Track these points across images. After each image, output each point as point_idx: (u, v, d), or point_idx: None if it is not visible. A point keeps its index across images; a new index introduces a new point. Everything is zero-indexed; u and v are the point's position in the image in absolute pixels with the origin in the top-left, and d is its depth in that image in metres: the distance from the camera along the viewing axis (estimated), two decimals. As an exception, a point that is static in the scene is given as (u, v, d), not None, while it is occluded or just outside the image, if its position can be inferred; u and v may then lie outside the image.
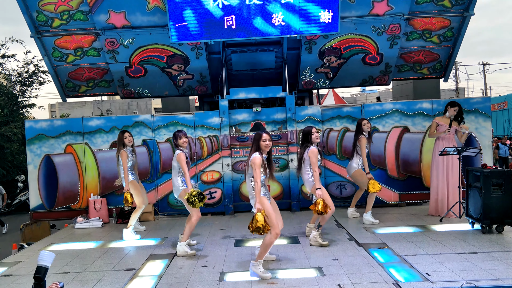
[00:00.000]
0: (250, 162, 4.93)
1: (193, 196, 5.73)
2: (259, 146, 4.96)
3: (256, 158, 4.86)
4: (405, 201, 8.51)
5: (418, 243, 5.81)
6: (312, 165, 5.91)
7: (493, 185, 6.06)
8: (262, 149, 4.96)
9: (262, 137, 4.96)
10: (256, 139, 5.01)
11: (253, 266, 4.85)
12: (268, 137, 4.99)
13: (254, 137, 5.06)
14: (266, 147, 4.96)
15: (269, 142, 4.97)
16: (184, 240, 5.89)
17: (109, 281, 4.89)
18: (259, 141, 4.96)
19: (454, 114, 7.34)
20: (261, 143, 4.95)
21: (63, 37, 8.71)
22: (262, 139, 4.95)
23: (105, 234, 7.41)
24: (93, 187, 8.54)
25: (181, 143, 6.11)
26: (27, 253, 6.39)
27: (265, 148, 4.96)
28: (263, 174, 4.91)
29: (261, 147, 4.95)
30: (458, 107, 7.39)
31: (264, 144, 4.94)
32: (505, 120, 27.43)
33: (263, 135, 4.98)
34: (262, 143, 4.95)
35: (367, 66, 9.31)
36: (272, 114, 8.66)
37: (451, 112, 7.35)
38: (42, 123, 8.66)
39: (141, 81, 9.37)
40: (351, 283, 4.45)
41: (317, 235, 5.99)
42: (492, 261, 4.91)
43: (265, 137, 4.96)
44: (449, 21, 8.80)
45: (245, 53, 9.09)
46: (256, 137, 5.02)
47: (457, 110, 7.38)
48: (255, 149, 4.98)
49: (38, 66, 15.77)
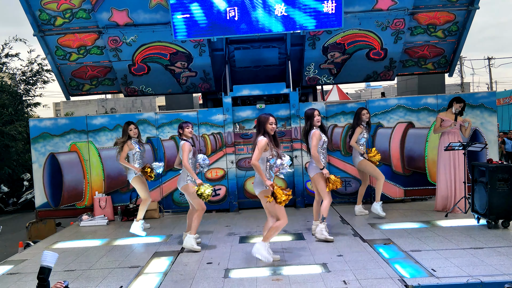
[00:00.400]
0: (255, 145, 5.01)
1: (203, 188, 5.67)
2: (266, 129, 5.05)
3: (262, 141, 4.98)
4: (410, 196, 8.48)
5: (424, 238, 5.78)
6: (312, 148, 5.90)
7: (499, 180, 6.02)
8: (268, 132, 5.04)
9: (270, 120, 5.07)
10: (262, 122, 5.08)
11: (260, 244, 5.00)
12: (274, 120, 5.13)
13: (260, 119, 5.11)
14: (272, 130, 5.07)
15: (274, 126, 5.10)
16: (194, 233, 5.89)
17: (115, 279, 4.90)
18: (266, 124, 5.06)
19: (459, 110, 7.29)
20: (268, 126, 5.05)
21: (66, 36, 8.72)
22: (269, 122, 5.06)
23: (110, 231, 7.43)
24: (98, 185, 8.56)
25: (187, 132, 6.08)
26: (33, 251, 6.42)
27: (271, 131, 5.06)
28: (272, 156, 5.03)
29: (267, 130, 5.05)
30: (463, 103, 7.34)
31: (271, 127, 5.06)
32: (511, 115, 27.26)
33: (270, 118, 5.09)
34: (269, 126, 5.05)
35: (371, 62, 9.26)
36: (276, 110, 8.64)
37: (456, 107, 7.30)
38: (47, 121, 8.69)
39: (144, 78, 9.37)
40: (356, 279, 4.44)
41: (324, 228, 5.98)
42: (498, 257, 4.88)
43: (272, 120, 5.09)
44: (454, 15, 8.73)
45: (248, 50, 9.07)
46: (263, 120, 5.09)
47: (462, 106, 7.33)
48: (262, 132, 5.06)
49: (42, 65, 15.81)
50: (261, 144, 4.96)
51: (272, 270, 4.89)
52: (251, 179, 8.52)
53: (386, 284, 4.25)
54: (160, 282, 4.70)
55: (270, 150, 5.05)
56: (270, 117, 5.10)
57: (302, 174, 8.50)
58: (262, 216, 7.56)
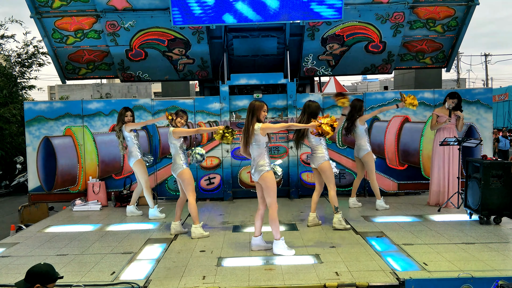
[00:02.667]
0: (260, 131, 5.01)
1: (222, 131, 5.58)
2: (259, 117, 5.08)
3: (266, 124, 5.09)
4: (403, 190, 8.52)
5: (416, 232, 5.82)
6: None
7: (493, 177, 6.05)
8: (260, 119, 5.09)
9: (264, 107, 5.12)
10: (257, 108, 5.08)
11: (277, 245, 5.06)
12: (266, 106, 5.18)
13: (255, 106, 5.08)
14: (263, 118, 5.13)
15: (266, 113, 5.17)
16: (198, 223, 5.92)
17: (107, 264, 4.90)
18: (260, 111, 5.09)
19: (453, 106, 7.29)
20: (262, 113, 5.10)
21: (63, 19, 8.61)
22: (263, 109, 5.11)
23: (104, 217, 7.42)
24: (92, 170, 8.52)
25: (177, 121, 6.06)
26: (25, 235, 6.40)
27: (263, 119, 5.12)
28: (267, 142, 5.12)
29: (260, 118, 5.09)
30: (457, 99, 7.33)
31: (264, 114, 5.12)
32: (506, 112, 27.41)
33: (264, 105, 5.13)
34: (263, 113, 5.11)
35: (370, 54, 9.24)
36: (273, 100, 8.61)
37: (449, 103, 7.31)
38: (41, 105, 8.61)
39: (142, 64, 9.29)
40: (348, 270, 4.47)
41: (342, 218, 6.10)
42: (489, 252, 4.92)
43: (266, 107, 5.15)
44: (454, 10, 8.70)
45: (246, 39, 9.01)
46: (258, 107, 5.08)
47: (455, 102, 7.31)
48: (256, 120, 5.07)
49: (38, 48, 15.65)
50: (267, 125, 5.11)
51: (265, 259, 4.91)
52: (246, 169, 8.53)
53: (378, 277, 4.28)
54: (152, 269, 4.70)
55: (268, 137, 5.11)
56: (265, 104, 5.14)
57: (297, 165, 8.50)
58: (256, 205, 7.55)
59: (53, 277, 3.29)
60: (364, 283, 4.14)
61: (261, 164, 5.10)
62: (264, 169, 5.09)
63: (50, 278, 3.27)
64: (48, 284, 3.26)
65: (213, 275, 4.46)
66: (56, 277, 3.32)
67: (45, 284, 3.23)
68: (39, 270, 3.26)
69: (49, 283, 3.26)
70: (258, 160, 5.12)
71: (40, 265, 3.34)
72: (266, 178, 5.09)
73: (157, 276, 4.49)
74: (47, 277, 3.25)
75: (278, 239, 5.09)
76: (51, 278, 3.28)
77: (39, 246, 5.75)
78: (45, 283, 3.23)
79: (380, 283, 4.16)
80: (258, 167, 5.11)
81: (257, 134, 5.05)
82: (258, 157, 5.13)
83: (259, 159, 5.12)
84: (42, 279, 3.22)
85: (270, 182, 5.09)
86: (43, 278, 3.23)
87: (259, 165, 5.11)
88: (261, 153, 5.11)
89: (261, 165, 5.10)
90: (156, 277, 4.45)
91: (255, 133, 5.05)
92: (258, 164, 5.12)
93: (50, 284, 3.27)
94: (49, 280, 3.26)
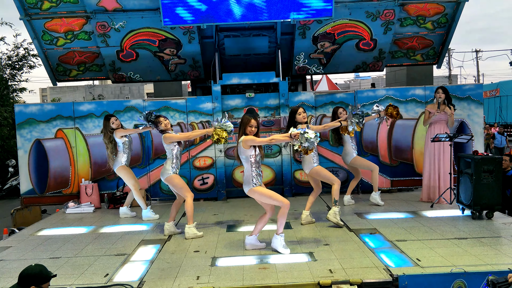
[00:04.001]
0: (242, 143, 5.02)
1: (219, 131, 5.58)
2: (245, 131, 5.07)
3: (247, 136, 5.01)
4: (396, 187, 8.56)
5: (409, 228, 5.85)
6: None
7: (484, 172, 6.10)
8: (247, 134, 5.07)
9: (250, 122, 5.07)
10: (244, 123, 5.10)
11: (275, 239, 5.08)
12: (255, 123, 5.09)
13: (242, 120, 5.14)
14: (251, 132, 5.08)
15: (254, 129, 5.08)
16: (192, 223, 5.91)
17: (101, 266, 4.88)
18: (246, 126, 5.07)
19: (442, 98, 7.31)
20: (248, 128, 5.06)
21: (53, 20, 8.55)
22: (249, 125, 5.06)
23: (97, 219, 7.39)
24: (84, 172, 8.48)
25: (164, 128, 6.09)
26: (17, 238, 6.36)
27: (250, 133, 5.07)
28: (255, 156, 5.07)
29: (246, 132, 5.07)
30: (440, 89, 7.36)
31: (250, 129, 5.06)
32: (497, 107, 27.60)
33: (251, 120, 5.08)
34: (249, 128, 5.06)
35: (361, 52, 9.26)
36: (265, 99, 8.61)
37: (437, 97, 7.36)
38: (33, 107, 8.55)
39: (133, 65, 9.25)
40: (342, 268, 4.48)
41: (338, 213, 6.11)
42: (482, 247, 4.96)
43: (252, 123, 5.07)
44: (443, 7, 8.74)
45: (238, 38, 9.00)
46: (245, 122, 5.11)
47: (440, 93, 7.32)
48: (242, 133, 5.10)
49: (28, 50, 15.56)
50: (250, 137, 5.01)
51: (259, 258, 4.92)
52: (240, 168, 8.52)
53: (372, 273, 4.30)
54: (146, 270, 4.69)
55: (254, 149, 5.08)
56: (252, 119, 5.08)
57: (290, 163, 8.51)
58: (250, 205, 7.60)
59: (46, 277, 3.28)
60: (358, 280, 4.16)
61: (246, 176, 5.13)
62: (249, 185, 5.10)
63: (43, 279, 3.25)
64: (43, 284, 3.24)
65: (207, 275, 4.45)
66: (49, 276, 3.31)
67: (39, 285, 3.21)
68: (31, 272, 3.24)
69: (43, 283, 3.25)
70: (245, 172, 5.16)
71: (31, 266, 3.31)
72: (255, 193, 5.12)
73: (151, 277, 4.48)
74: (40, 278, 3.24)
75: (278, 234, 5.11)
76: (45, 278, 3.27)
77: (32, 249, 5.72)
78: (39, 283, 3.22)
79: (373, 280, 4.18)
80: (245, 178, 5.15)
81: (240, 147, 5.09)
82: (245, 170, 5.16)
83: (246, 172, 5.15)
84: (36, 280, 3.21)
85: (262, 193, 5.09)
86: (37, 279, 3.22)
87: (245, 176, 5.15)
88: (248, 167, 5.11)
89: (247, 177, 5.12)
90: (150, 278, 4.44)
91: (239, 145, 5.10)
92: (247, 178, 5.14)
93: (45, 284, 3.26)
94: (43, 280, 3.25)
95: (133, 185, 7.11)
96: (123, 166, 7.07)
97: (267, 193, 5.10)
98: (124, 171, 7.10)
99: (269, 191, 5.15)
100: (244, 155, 5.09)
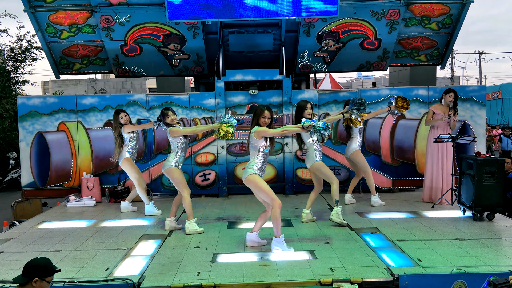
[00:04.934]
0: (255, 133, 5.02)
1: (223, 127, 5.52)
2: (258, 122, 5.08)
3: (260, 127, 5.02)
4: (398, 187, 8.55)
5: (410, 228, 5.85)
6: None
7: (486, 173, 6.08)
8: (260, 125, 5.07)
9: (263, 113, 5.08)
10: (257, 114, 5.12)
11: (276, 242, 5.00)
12: (269, 114, 5.11)
13: (256, 111, 5.15)
14: (264, 123, 5.08)
15: (268, 120, 5.09)
16: (192, 218, 5.91)
17: (101, 260, 4.88)
18: (260, 117, 5.09)
19: (451, 101, 7.31)
20: (261, 119, 5.08)
21: (57, 13, 8.53)
22: (263, 116, 5.08)
23: (98, 213, 7.39)
24: (86, 166, 8.48)
25: (169, 121, 6.05)
26: (18, 231, 6.36)
27: (263, 124, 5.07)
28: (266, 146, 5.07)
29: (259, 123, 5.08)
30: (453, 93, 7.34)
31: (263, 120, 5.07)
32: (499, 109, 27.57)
33: (264, 111, 5.09)
34: (262, 119, 5.08)
35: (365, 51, 9.24)
36: (269, 97, 8.60)
37: (447, 99, 7.32)
38: (35, 100, 8.55)
39: (136, 59, 9.24)
40: (343, 266, 4.48)
41: (340, 212, 6.10)
42: (483, 248, 4.95)
43: (266, 113, 5.09)
44: (449, 8, 8.71)
45: (242, 34, 8.98)
46: (258, 112, 5.12)
47: (452, 96, 7.33)
48: (255, 124, 5.11)
49: (31, 42, 15.54)
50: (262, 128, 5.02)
51: (260, 256, 4.91)
52: (241, 165, 8.52)
53: (373, 272, 4.30)
54: (147, 265, 4.69)
55: (265, 140, 5.07)
56: (265, 111, 5.09)
57: (292, 161, 8.51)
58: (251, 202, 7.60)
59: (51, 270, 3.29)
60: (359, 279, 4.16)
61: (249, 166, 5.11)
62: (248, 172, 5.07)
63: (48, 271, 3.27)
64: (47, 277, 3.26)
65: (208, 271, 4.45)
66: (54, 270, 3.32)
67: (43, 278, 3.22)
68: (36, 264, 3.26)
69: (47, 276, 3.26)
70: (249, 162, 5.15)
71: (37, 259, 3.34)
72: (250, 182, 5.07)
73: (152, 272, 4.48)
74: (45, 271, 3.25)
75: (278, 237, 5.04)
76: (49, 271, 3.28)
77: (32, 242, 5.72)
78: (43, 276, 3.23)
79: (374, 279, 4.18)
80: (246, 168, 5.14)
81: (252, 137, 5.09)
82: (250, 158, 5.16)
83: (250, 161, 5.14)
84: (40, 273, 3.22)
85: (256, 184, 5.04)
86: (42, 272, 3.23)
87: (247, 166, 5.14)
88: (254, 155, 5.11)
89: (248, 167, 5.11)
90: (150, 273, 4.44)
91: (251, 135, 5.10)
92: (247, 165, 5.14)
93: (49, 277, 3.27)
94: (47, 273, 3.26)
95: (137, 179, 7.12)
96: (127, 158, 7.08)
97: (263, 186, 5.02)
98: (127, 164, 7.09)
99: (265, 185, 5.06)
100: (254, 145, 5.08)
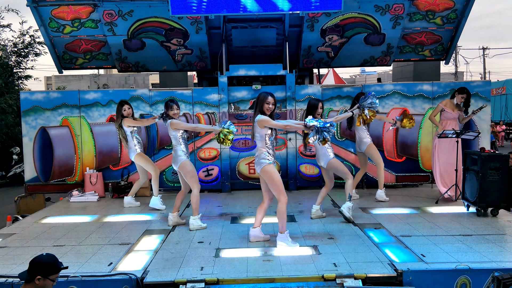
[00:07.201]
0: (257, 122, 4.97)
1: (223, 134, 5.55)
2: (262, 109, 5.00)
3: (263, 117, 4.95)
4: (401, 182, 8.53)
5: (414, 224, 5.83)
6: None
7: (490, 169, 6.06)
8: (264, 112, 5.00)
9: (267, 99, 5.00)
10: (261, 100, 5.03)
11: (281, 238, 4.98)
12: (273, 100, 5.02)
13: (259, 97, 5.05)
14: (268, 110, 5.00)
15: (272, 106, 5.01)
16: (197, 214, 5.89)
17: (105, 255, 4.89)
18: (263, 103, 5.00)
19: (462, 102, 7.27)
20: (265, 106, 4.99)
21: (60, 7, 8.50)
22: (266, 101, 4.99)
23: (101, 208, 7.40)
24: (89, 161, 8.48)
25: (171, 114, 5.99)
26: (21, 225, 6.38)
27: (267, 111, 5.00)
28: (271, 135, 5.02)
29: (263, 109, 5.00)
30: (466, 94, 7.30)
31: (267, 106, 4.99)
32: (503, 105, 27.44)
33: (268, 97, 5.01)
34: (266, 105, 4.99)
35: (369, 46, 9.19)
36: (272, 92, 8.48)
37: (458, 99, 7.28)
38: (38, 94, 8.55)
39: (139, 54, 9.22)
40: (347, 262, 4.47)
41: (351, 207, 6.06)
42: (487, 244, 4.93)
43: (269, 99, 5.00)
44: (453, 3, 8.65)
45: (245, 29, 8.94)
46: (261, 99, 5.03)
47: (464, 98, 7.29)
48: (259, 111, 5.02)
49: (34, 37, 15.51)
50: (265, 118, 4.95)
51: (263, 251, 4.91)
52: (245, 160, 8.51)
53: (376, 268, 4.29)
54: (150, 260, 4.69)
55: (270, 128, 5.03)
56: (269, 96, 5.01)
57: (295, 157, 8.49)
58: (254, 197, 7.60)
59: (56, 268, 3.25)
60: (362, 275, 4.15)
61: (262, 157, 5.06)
62: (264, 162, 5.03)
63: (52, 269, 3.22)
64: (51, 275, 3.21)
65: (211, 266, 4.45)
66: (59, 267, 3.28)
67: (47, 276, 3.18)
68: (40, 261, 3.21)
69: (52, 274, 3.21)
70: (260, 152, 5.09)
71: (43, 256, 3.28)
72: (266, 172, 5.03)
73: (155, 267, 4.48)
74: (49, 269, 3.20)
75: (283, 233, 5.02)
76: (54, 269, 3.23)
77: (35, 237, 5.73)
78: (47, 274, 3.18)
79: (378, 274, 4.17)
80: (259, 159, 5.07)
81: (255, 126, 5.04)
82: (260, 149, 5.09)
83: (260, 152, 5.08)
84: (43, 271, 3.17)
85: (271, 175, 5.01)
86: (45, 270, 3.18)
87: (260, 157, 5.07)
88: (263, 145, 5.06)
89: (262, 158, 5.05)
90: (154, 268, 4.44)
91: (254, 124, 5.04)
92: (259, 157, 5.08)
93: (53, 276, 3.22)
94: (51, 271, 3.21)
95: (154, 170, 7.17)
96: (140, 153, 7.11)
97: (276, 179, 5.00)
98: (141, 158, 7.15)
99: (279, 178, 5.04)
100: (259, 134, 5.04)
